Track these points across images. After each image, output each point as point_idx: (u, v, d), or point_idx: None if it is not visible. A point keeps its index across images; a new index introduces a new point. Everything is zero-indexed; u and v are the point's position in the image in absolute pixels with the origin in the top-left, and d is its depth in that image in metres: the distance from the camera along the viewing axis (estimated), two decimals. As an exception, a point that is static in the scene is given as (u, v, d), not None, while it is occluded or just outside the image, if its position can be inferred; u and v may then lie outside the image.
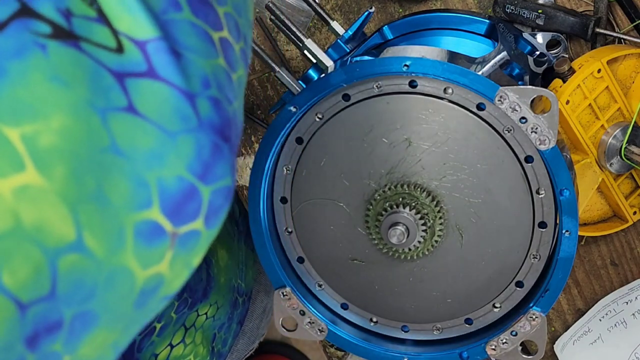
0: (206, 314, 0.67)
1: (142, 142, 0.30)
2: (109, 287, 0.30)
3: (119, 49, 0.30)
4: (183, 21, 0.32)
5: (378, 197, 0.56)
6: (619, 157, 0.67)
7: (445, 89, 0.52)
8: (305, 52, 0.59)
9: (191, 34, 0.33)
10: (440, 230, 0.56)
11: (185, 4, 0.33)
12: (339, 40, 0.64)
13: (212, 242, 0.34)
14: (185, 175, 0.31)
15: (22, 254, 0.26)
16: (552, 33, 0.70)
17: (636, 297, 0.75)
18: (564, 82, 0.66)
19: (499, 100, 0.50)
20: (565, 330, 0.79)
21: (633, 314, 0.75)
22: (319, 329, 0.62)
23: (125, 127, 0.30)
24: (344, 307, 0.63)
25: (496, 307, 0.59)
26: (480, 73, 0.58)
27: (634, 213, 0.72)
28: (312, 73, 0.61)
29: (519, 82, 0.62)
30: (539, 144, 0.50)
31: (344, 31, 0.64)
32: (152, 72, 0.31)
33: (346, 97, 0.55)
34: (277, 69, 0.60)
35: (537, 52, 0.67)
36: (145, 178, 0.30)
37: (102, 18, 0.30)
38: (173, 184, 0.31)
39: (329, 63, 0.58)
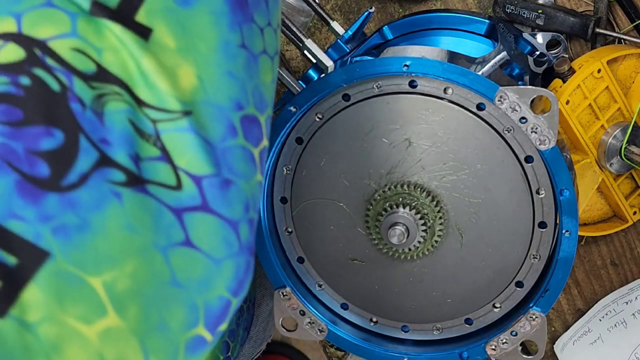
0: None
1: (195, 272, 0.33)
2: None
3: (179, 186, 0.33)
4: (236, 147, 0.35)
5: (378, 197, 0.56)
6: (619, 157, 0.67)
7: (445, 89, 0.52)
8: (305, 52, 0.59)
9: (240, 160, 0.36)
10: (440, 230, 0.56)
11: (239, 128, 0.36)
12: (339, 40, 0.64)
13: None
14: (224, 295, 0.35)
15: None
16: (552, 33, 0.70)
17: (636, 297, 0.75)
18: (564, 82, 0.66)
19: (499, 100, 0.50)
20: (565, 330, 0.79)
21: (633, 314, 0.75)
22: (319, 329, 0.62)
23: (182, 260, 0.33)
24: (344, 307, 0.63)
25: (496, 307, 0.59)
26: (480, 73, 0.58)
27: (634, 213, 0.72)
28: (312, 73, 0.61)
29: (519, 82, 0.62)
30: (539, 144, 0.50)
31: (344, 31, 0.64)
32: (205, 205, 0.34)
33: (346, 97, 0.55)
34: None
35: (537, 52, 0.67)
36: (196, 302, 0.34)
37: (165, 156, 0.33)
38: (215, 303, 0.34)
39: (329, 63, 0.58)
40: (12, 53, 0.32)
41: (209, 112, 0.34)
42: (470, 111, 0.52)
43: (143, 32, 0.33)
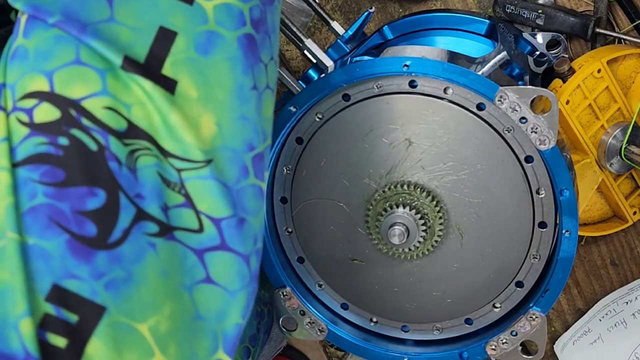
0: None
1: (214, 305, 0.36)
2: None
3: (200, 229, 0.36)
4: (249, 187, 0.38)
5: (378, 197, 0.56)
6: (619, 157, 0.67)
7: (445, 89, 0.52)
8: (305, 52, 0.59)
9: (252, 198, 0.38)
10: (440, 230, 0.56)
11: (251, 168, 0.38)
12: (339, 40, 0.63)
13: None
14: (239, 322, 0.38)
15: None
16: (552, 33, 0.70)
17: (636, 297, 0.75)
18: (564, 82, 0.66)
19: (499, 100, 0.50)
20: (565, 330, 0.79)
21: (633, 314, 0.75)
22: (319, 329, 0.62)
23: (203, 296, 0.36)
24: (344, 307, 0.63)
25: (496, 307, 0.59)
26: (480, 73, 0.58)
27: (634, 213, 0.72)
28: (312, 73, 0.61)
29: (519, 82, 0.62)
30: (539, 144, 0.50)
31: (344, 31, 0.64)
32: (223, 244, 0.36)
33: (346, 97, 0.55)
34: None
35: (537, 52, 0.67)
36: (216, 332, 0.37)
37: (189, 202, 0.36)
38: (232, 330, 0.37)
39: (329, 63, 0.58)
40: (48, 113, 0.33)
41: (226, 157, 0.36)
42: (470, 111, 0.52)
43: (169, 86, 0.35)
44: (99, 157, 0.33)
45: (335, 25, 0.65)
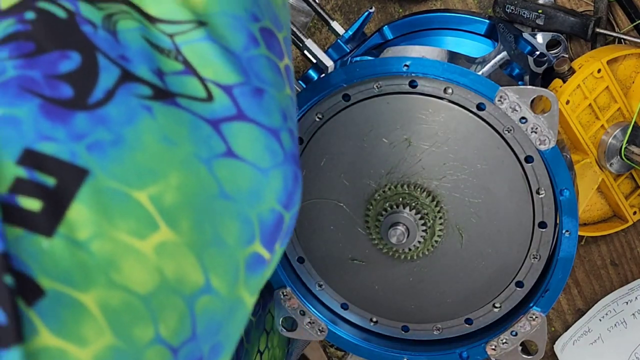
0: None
1: (243, 183, 0.32)
2: (230, 319, 0.33)
3: (210, 98, 0.32)
4: (261, 57, 0.34)
5: (378, 197, 0.56)
6: (619, 157, 0.67)
7: (445, 89, 0.52)
8: (305, 52, 0.59)
9: (268, 69, 0.34)
10: (440, 230, 0.56)
11: (261, 39, 0.35)
12: (339, 40, 0.63)
13: None
14: (276, 207, 0.34)
15: (171, 306, 0.29)
16: (552, 33, 0.70)
17: (636, 297, 0.75)
18: (564, 82, 0.66)
19: (499, 100, 0.50)
20: (565, 330, 0.79)
21: (633, 314, 0.75)
22: (319, 329, 0.62)
23: (228, 172, 0.32)
24: (344, 307, 0.63)
25: (496, 307, 0.59)
26: (480, 73, 0.58)
27: (634, 213, 0.72)
28: (312, 73, 0.61)
29: (519, 82, 0.62)
30: (539, 144, 0.50)
31: (344, 31, 0.64)
32: (241, 114, 0.33)
33: (346, 97, 0.55)
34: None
35: (537, 52, 0.67)
36: (249, 216, 0.32)
37: (189, 69, 0.32)
38: (268, 217, 0.33)
39: (329, 63, 0.58)
40: None
41: (225, 22, 0.34)
42: (470, 111, 0.52)
43: None
44: (70, 23, 0.30)
45: (335, 25, 0.65)
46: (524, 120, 0.50)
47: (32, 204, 0.27)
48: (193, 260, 0.30)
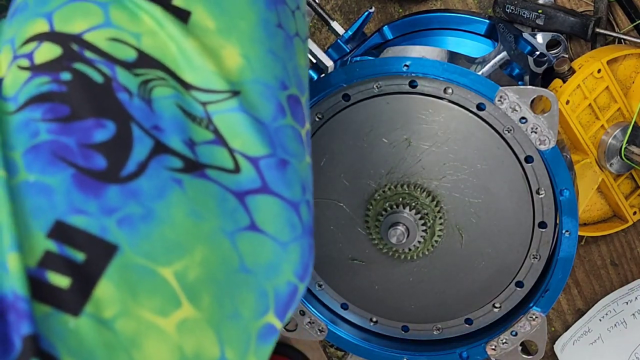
0: None
1: (263, 257, 0.32)
2: None
3: (237, 169, 0.32)
4: (287, 127, 0.35)
5: (378, 197, 0.56)
6: (619, 157, 0.67)
7: (445, 89, 0.52)
8: (305, 52, 0.59)
9: (292, 140, 0.35)
10: (440, 230, 0.56)
11: (287, 109, 0.35)
12: (339, 40, 0.63)
13: None
14: (292, 280, 0.34)
15: None
16: (552, 33, 0.70)
17: (636, 297, 0.75)
18: (564, 82, 0.66)
19: (499, 101, 0.50)
20: (565, 330, 0.79)
21: (633, 314, 0.75)
22: (319, 329, 0.62)
23: (249, 245, 0.32)
24: (344, 307, 0.63)
25: (496, 307, 0.59)
26: (480, 73, 0.58)
27: (634, 213, 0.72)
28: (312, 73, 0.61)
29: (519, 82, 0.62)
30: (539, 144, 0.50)
31: (344, 31, 0.64)
32: (265, 187, 0.33)
33: (346, 97, 0.55)
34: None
35: (537, 52, 0.67)
36: (265, 289, 0.32)
37: (219, 139, 0.32)
38: (284, 289, 0.33)
39: (329, 63, 0.58)
40: (48, 52, 0.31)
41: (258, 91, 0.34)
42: (470, 111, 0.52)
43: (181, 16, 0.33)
44: (106, 89, 0.30)
45: (335, 25, 0.65)
46: (524, 120, 0.50)
47: (61, 281, 0.27)
48: (211, 335, 0.30)
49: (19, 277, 0.26)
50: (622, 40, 0.69)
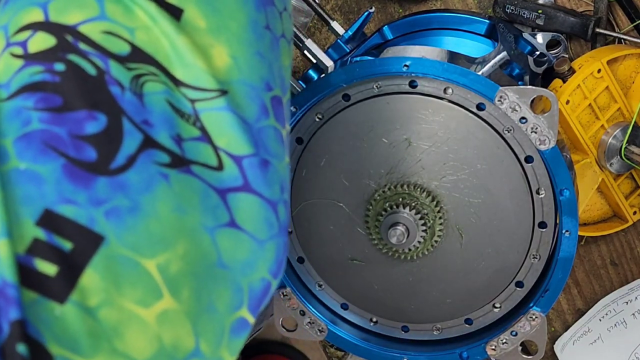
0: None
1: (240, 254, 0.33)
2: None
3: (220, 167, 0.33)
4: (269, 127, 0.35)
5: (378, 197, 0.56)
6: (619, 157, 0.67)
7: (445, 89, 0.52)
8: (305, 52, 0.59)
9: (274, 140, 0.36)
10: (440, 230, 0.56)
11: (271, 109, 0.36)
12: (339, 40, 0.63)
13: None
14: (266, 276, 0.35)
15: None
16: (552, 33, 0.70)
17: (636, 297, 0.75)
18: (564, 82, 0.66)
19: (499, 101, 0.50)
20: (565, 330, 0.79)
21: (633, 314, 0.75)
22: (319, 329, 0.62)
23: (228, 242, 0.33)
24: (344, 307, 0.63)
25: (496, 307, 0.59)
26: (480, 73, 0.58)
27: (634, 213, 0.72)
28: (312, 73, 0.61)
29: (519, 82, 0.62)
30: (539, 144, 0.50)
31: (344, 31, 0.64)
32: (247, 186, 0.34)
33: (346, 97, 0.55)
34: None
35: (537, 52, 0.67)
36: (241, 284, 0.33)
37: (205, 136, 0.33)
38: (258, 285, 0.34)
39: (329, 63, 0.58)
40: (43, 41, 0.31)
41: (244, 92, 0.34)
42: (470, 111, 0.52)
43: (174, 13, 0.33)
44: (99, 81, 0.31)
45: (335, 25, 0.65)
46: (524, 120, 0.50)
47: (48, 268, 0.27)
48: (188, 327, 0.31)
49: (8, 264, 0.27)
50: (622, 40, 0.69)
